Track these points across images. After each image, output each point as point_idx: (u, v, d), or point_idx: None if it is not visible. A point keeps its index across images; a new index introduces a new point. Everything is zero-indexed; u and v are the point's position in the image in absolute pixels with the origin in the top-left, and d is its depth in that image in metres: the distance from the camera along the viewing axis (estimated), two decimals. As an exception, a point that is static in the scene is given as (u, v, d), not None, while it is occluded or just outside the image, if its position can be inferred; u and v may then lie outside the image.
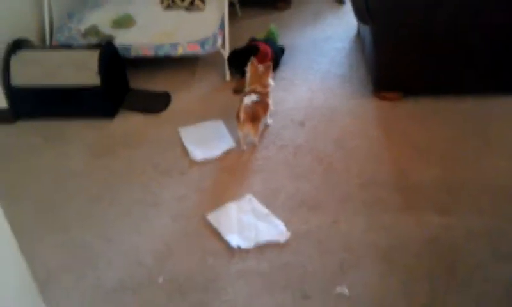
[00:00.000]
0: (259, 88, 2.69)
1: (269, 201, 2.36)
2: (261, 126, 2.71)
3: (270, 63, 2.75)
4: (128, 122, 2.99)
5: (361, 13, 2.79)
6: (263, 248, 2.14)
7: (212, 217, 2.28)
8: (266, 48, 3.23)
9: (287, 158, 2.62)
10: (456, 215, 2.21)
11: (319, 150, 2.65)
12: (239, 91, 3.05)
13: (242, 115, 2.54)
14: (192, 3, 3.49)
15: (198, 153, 2.66)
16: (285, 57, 3.48)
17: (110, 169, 2.64)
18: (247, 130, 2.59)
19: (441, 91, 2.93)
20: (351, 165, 2.53)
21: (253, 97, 2.61)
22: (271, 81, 2.75)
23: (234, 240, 2.17)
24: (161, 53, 3.20)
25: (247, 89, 2.74)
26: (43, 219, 2.38)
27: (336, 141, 2.70)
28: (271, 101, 2.76)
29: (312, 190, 2.41)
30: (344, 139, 2.71)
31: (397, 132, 2.72)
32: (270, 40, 3.43)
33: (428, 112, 2.84)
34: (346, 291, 1.94)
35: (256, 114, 2.58)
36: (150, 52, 3.20)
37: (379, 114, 2.88)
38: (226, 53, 3.27)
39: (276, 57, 3.33)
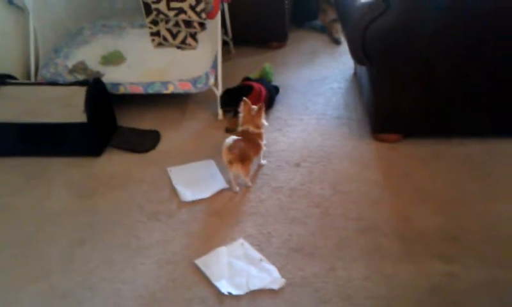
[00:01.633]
0: (251, 128, 2.71)
1: (262, 246, 2.34)
2: (252, 166, 2.71)
3: (263, 104, 2.78)
4: (115, 161, 2.99)
5: (358, 54, 2.84)
6: (255, 295, 2.10)
7: (201, 262, 2.25)
8: (260, 88, 3.27)
9: (282, 201, 2.61)
10: (460, 263, 2.19)
11: (315, 193, 2.65)
12: (231, 130, 3.07)
13: (225, 157, 2.57)
14: (184, 41, 3.54)
15: (188, 194, 2.66)
16: (279, 97, 3.53)
17: (94, 211, 2.62)
18: (236, 170, 2.59)
19: (442, 132, 2.96)
20: (349, 209, 2.53)
21: (233, 137, 2.63)
22: (264, 122, 2.77)
23: (224, 286, 2.13)
24: (151, 91, 3.23)
25: (239, 129, 2.76)
26: (21, 265, 2.34)
27: (334, 184, 2.71)
28: (264, 141, 2.78)
29: (308, 235, 2.39)
30: (341, 182, 2.71)
31: (396, 175, 2.73)
32: (264, 79, 3.49)
33: (429, 154, 2.86)
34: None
35: (245, 154, 2.60)
36: (139, 90, 3.24)
37: (378, 156, 2.90)
38: (218, 91, 3.31)
39: (270, 96, 3.37)
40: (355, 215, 2.49)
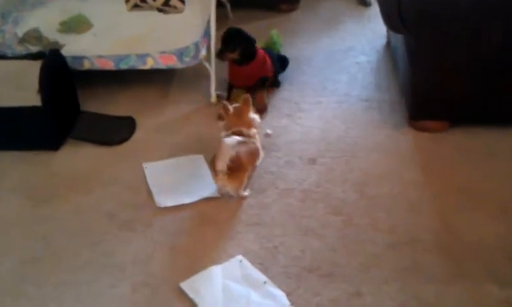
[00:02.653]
0: (246, 130, 2.70)
1: (266, 264, 2.34)
2: (246, 180, 2.68)
3: (248, 96, 2.79)
4: (78, 156, 3.00)
5: (392, 19, 2.84)
6: (257, 329, 2.11)
7: (187, 286, 2.26)
8: (265, 56, 3.30)
9: (292, 207, 2.62)
10: (522, 286, 2.19)
11: (335, 197, 2.65)
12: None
13: (219, 164, 2.54)
14: (167, 3, 3.55)
15: (167, 197, 2.67)
16: (289, 73, 3.54)
17: (51, 220, 2.63)
18: (222, 184, 2.59)
19: (499, 120, 2.97)
20: (378, 218, 2.53)
21: (238, 138, 2.62)
22: (255, 117, 2.77)
23: (218, 317, 2.14)
24: (124, 66, 3.25)
25: (223, 134, 2.72)
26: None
27: (359, 185, 2.71)
28: (259, 144, 2.76)
29: (326, 251, 2.39)
30: (368, 183, 2.71)
31: (440, 174, 2.73)
32: (270, 51, 3.49)
33: (482, 147, 2.86)
34: None
35: (240, 164, 2.57)
36: (109, 65, 3.26)
37: (417, 149, 2.90)
38: (211, 67, 3.32)
39: (275, 71, 3.40)
40: (386, 226, 2.48)
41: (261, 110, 3.21)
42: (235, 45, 3.18)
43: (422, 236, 2.42)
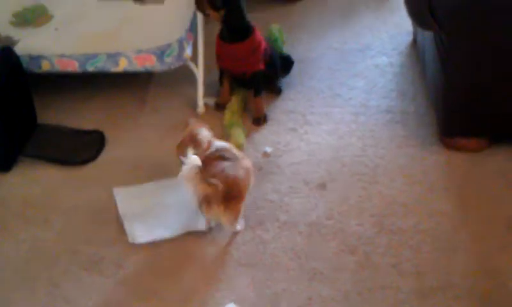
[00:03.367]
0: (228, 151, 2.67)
1: (264, 316, 2.32)
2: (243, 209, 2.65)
3: (187, 122, 2.75)
4: (33, 178, 2.99)
5: (420, 12, 2.83)
6: None
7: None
8: (262, 42, 3.27)
9: (296, 244, 2.59)
10: None
11: (349, 232, 2.63)
12: (222, 106, 3.23)
13: (199, 189, 2.47)
14: (145, -10, 3.54)
15: (141, 231, 2.66)
16: (293, 76, 3.53)
17: (-1, 258, 2.61)
18: (215, 215, 2.55)
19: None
20: (403, 257, 2.50)
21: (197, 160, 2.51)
22: (204, 133, 2.69)
23: None
24: (92, 68, 3.23)
25: (188, 158, 2.58)
26: None
27: (379, 216, 2.69)
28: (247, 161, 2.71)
29: (338, 299, 2.37)
30: (391, 214, 2.69)
31: (479, 204, 2.71)
32: (272, 48, 3.47)
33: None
34: None
35: (238, 191, 2.54)
36: (73, 66, 3.23)
37: (450, 173, 2.89)
38: (198, 69, 3.31)
39: (276, 73, 3.40)
40: (413, 267, 2.46)
41: (259, 120, 3.22)
42: (222, 2, 3.09)
43: (456, 281, 2.40)
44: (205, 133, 2.68)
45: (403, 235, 2.59)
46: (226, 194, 2.49)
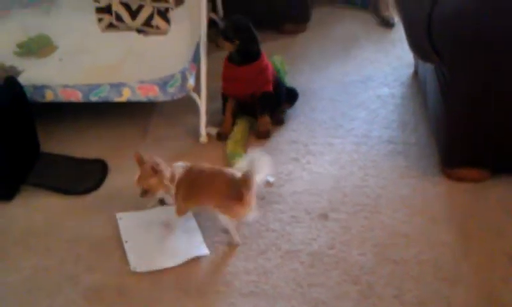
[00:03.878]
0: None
1: (266, 346, 2.31)
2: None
3: (152, 160, 2.69)
4: (36, 207, 2.98)
5: (421, 44, 2.84)
6: None
7: None
8: (269, 64, 3.34)
9: (298, 274, 2.58)
10: None
11: (351, 262, 2.62)
12: (224, 136, 3.26)
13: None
14: (149, 21, 3.56)
15: (144, 259, 2.65)
16: (295, 107, 3.55)
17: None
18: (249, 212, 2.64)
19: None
20: (404, 288, 2.49)
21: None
22: (161, 169, 2.66)
23: None
24: (96, 98, 3.25)
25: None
26: None
27: (381, 247, 2.68)
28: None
29: (340, 329, 2.36)
30: (393, 244, 2.69)
31: (481, 235, 2.71)
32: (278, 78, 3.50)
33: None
34: None
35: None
36: (77, 96, 3.26)
37: (452, 204, 2.89)
38: (201, 100, 3.32)
39: (280, 100, 3.43)
40: (415, 298, 2.44)
41: (262, 134, 3.27)
42: (236, 34, 3.20)
43: (460, 312, 2.39)
44: (163, 164, 2.68)
45: (405, 265, 2.58)
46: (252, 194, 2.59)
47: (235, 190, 2.59)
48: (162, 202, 2.89)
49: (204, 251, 2.68)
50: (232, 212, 2.64)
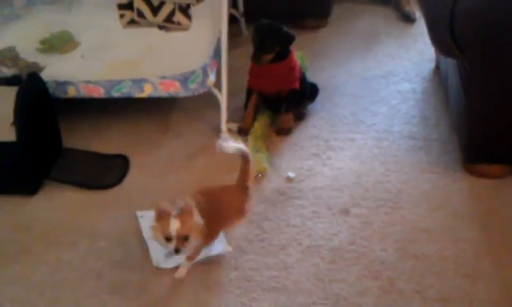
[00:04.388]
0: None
1: (288, 341, 2.31)
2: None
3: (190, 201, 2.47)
4: (58, 202, 3.00)
5: (443, 39, 2.84)
6: None
7: None
8: (297, 62, 3.35)
9: (319, 269, 2.59)
10: None
11: (373, 257, 2.62)
12: (245, 131, 3.28)
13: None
14: (170, 18, 3.56)
15: (164, 256, 2.64)
16: (316, 103, 3.56)
17: (21, 281, 2.61)
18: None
19: None
20: (425, 283, 2.49)
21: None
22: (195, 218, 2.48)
23: None
24: (117, 93, 3.26)
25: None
26: None
27: (402, 242, 2.68)
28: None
29: (361, 324, 2.36)
30: (414, 240, 2.69)
31: (503, 231, 2.70)
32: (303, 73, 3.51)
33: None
34: None
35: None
36: (99, 92, 3.27)
37: (474, 199, 2.88)
38: (222, 95, 3.33)
39: (304, 95, 3.45)
40: (437, 294, 2.44)
41: (283, 131, 3.30)
42: (274, 44, 3.22)
43: (482, 309, 2.39)
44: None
45: (426, 261, 2.59)
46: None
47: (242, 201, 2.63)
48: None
49: (226, 248, 2.69)
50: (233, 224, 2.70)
